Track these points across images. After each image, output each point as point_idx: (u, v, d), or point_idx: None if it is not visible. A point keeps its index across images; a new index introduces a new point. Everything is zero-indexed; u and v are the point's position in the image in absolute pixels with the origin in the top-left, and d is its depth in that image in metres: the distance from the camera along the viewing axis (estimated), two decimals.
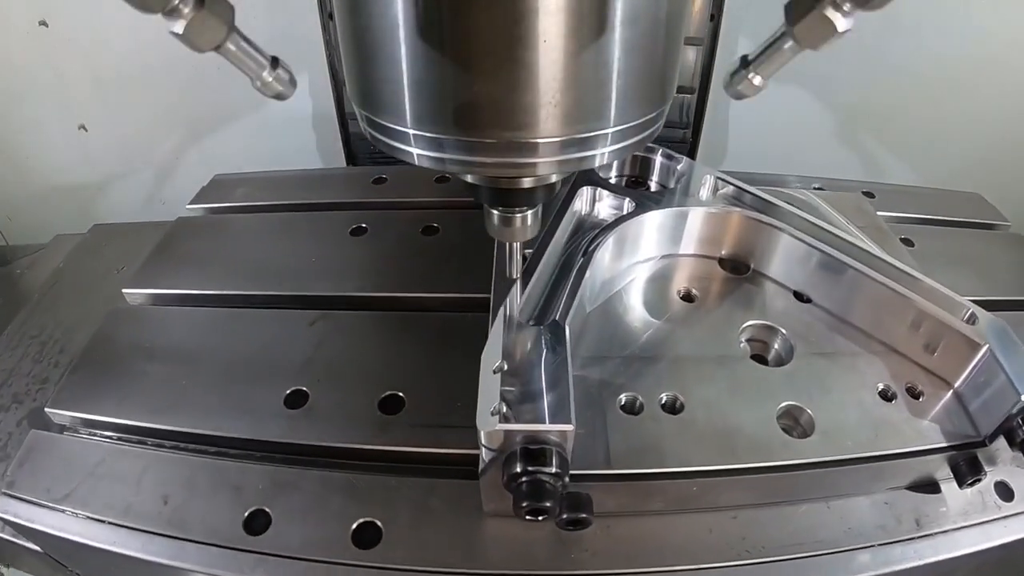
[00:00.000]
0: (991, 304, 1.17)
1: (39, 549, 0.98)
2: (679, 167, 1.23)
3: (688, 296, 1.12)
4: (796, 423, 0.95)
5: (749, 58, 0.75)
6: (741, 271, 1.18)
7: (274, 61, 0.72)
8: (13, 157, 1.83)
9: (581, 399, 0.92)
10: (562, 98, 0.63)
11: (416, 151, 0.69)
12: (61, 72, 1.71)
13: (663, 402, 0.95)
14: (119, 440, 1.01)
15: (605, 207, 1.17)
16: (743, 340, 1.06)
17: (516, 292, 0.97)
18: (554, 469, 0.77)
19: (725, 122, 1.85)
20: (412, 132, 0.68)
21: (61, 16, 1.63)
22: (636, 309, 1.09)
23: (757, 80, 0.75)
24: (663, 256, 1.19)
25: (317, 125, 1.80)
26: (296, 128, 1.81)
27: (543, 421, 0.78)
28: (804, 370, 1.01)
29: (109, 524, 0.90)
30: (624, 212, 1.13)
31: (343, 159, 1.78)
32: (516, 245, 0.92)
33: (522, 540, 0.88)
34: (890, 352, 1.05)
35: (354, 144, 1.77)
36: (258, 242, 1.31)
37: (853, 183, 1.55)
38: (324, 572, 0.85)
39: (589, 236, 1.08)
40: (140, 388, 1.04)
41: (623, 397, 0.95)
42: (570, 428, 0.78)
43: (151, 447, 0.99)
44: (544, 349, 0.87)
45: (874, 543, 0.91)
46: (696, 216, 1.15)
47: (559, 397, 0.81)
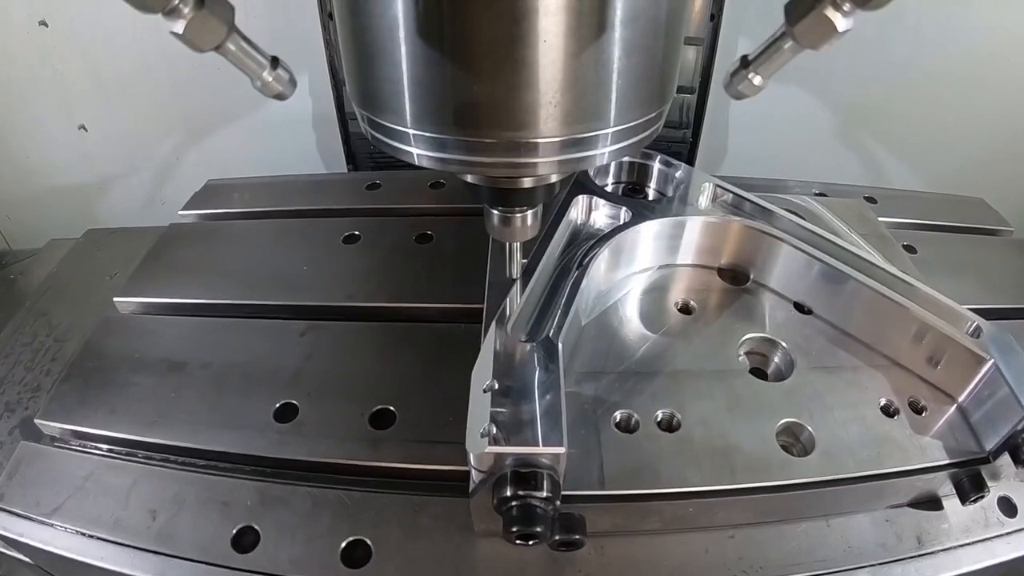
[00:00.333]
0: (994, 312, 1.15)
1: (30, 561, 0.95)
2: (677, 174, 1.18)
3: (686, 308, 1.08)
4: (796, 440, 0.92)
5: (749, 58, 0.73)
6: (740, 281, 1.13)
7: (274, 61, 0.70)
8: (13, 157, 1.80)
9: (575, 416, 0.89)
10: (562, 98, 0.62)
11: (416, 151, 0.69)
12: (61, 72, 1.67)
13: (659, 420, 0.91)
14: (108, 452, 0.98)
15: (601, 216, 1.12)
16: (742, 353, 1.02)
17: (516, 292, 0.95)
18: (545, 493, 0.74)
19: (725, 122, 1.81)
20: (412, 132, 0.67)
21: (61, 16, 1.59)
22: (633, 322, 1.05)
23: (757, 80, 0.73)
24: (661, 266, 1.15)
25: (317, 125, 1.77)
26: (296, 128, 1.78)
27: (534, 444, 0.75)
28: (804, 385, 0.97)
29: (98, 539, 0.88)
30: (621, 222, 1.09)
31: (343, 159, 1.75)
32: (516, 245, 0.92)
33: (514, 560, 0.85)
34: (892, 365, 1.01)
35: (354, 144, 1.74)
36: (250, 250, 1.28)
37: (855, 188, 1.52)
38: None
39: (584, 247, 1.04)
40: (130, 400, 1.01)
41: (618, 415, 0.91)
42: (562, 451, 0.75)
43: (140, 460, 0.96)
44: (536, 367, 0.83)
45: (875, 562, 0.87)
46: (695, 225, 1.11)
47: (551, 418, 0.77)
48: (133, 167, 1.85)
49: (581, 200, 1.11)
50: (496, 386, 0.80)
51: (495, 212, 0.84)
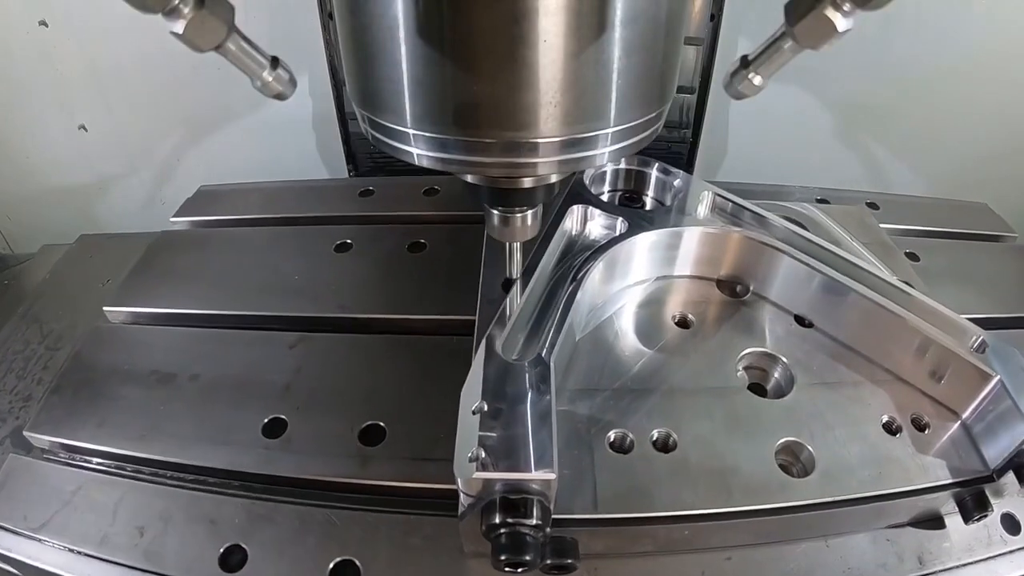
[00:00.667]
0: (998, 322, 1.12)
1: (19, 575, 0.91)
2: (676, 183, 1.14)
3: (684, 322, 1.03)
4: (796, 460, 0.87)
5: (749, 58, 0.72)
6: (740, 293, 1.09)
7: (274, 61, 0.70)
8: (13, 157, 1.76)
9: (568, 436, 0.85)
10: (562, 98, 0.62)
11: (416, 151, 0.69)
12: (61, 72, 1.63)
13: (655, 439, 0.87)
14: (97, 465, 0.95)
15: (597, 227, 1.07)
16: (741, 368, 0.97)
17: (516, 293, 0.93)
18: (535, 521, 0.70)
19: (725, 122, 1.76)
20: (412, 132, 0.67)
21: (61, 16, 1.55)
22: (628, 336, 1.00)
23: (757, 80, 0.72)
24: (658, 278, 1.10)
25: (317, 125, 1.73)
26: (296, 128, 1.74)
27: (524, 470, 0.71)
28: (805, 402, 0.93)
29: (85, 556, 0.85)
30: (617, 232, 1.04)
31: (343, 159, 1.70)
32: (516, 245, 0.91)
33: None
34: (895, 380, 0.97)
35: (354, 144, 1.69)
36: (241, 258, 1.24)
37: (856, 194, 1.48)
38: None
39: (579, 260, 0.99)
40: (118, 413, 0.98)
41: (612, 434, 0.87)
42: (552, 477, 0.71)
43: (128, 474, 0.93)
44: (527, 388, 0.79)
45: None
46: (693, 236, 1.06)
47: (542, 443, 0.73)
48: (133, 167, 1.81)
49: (576, 210, 1.06)
50: (485, 408, 0.77)
51: (495, 212, 0.82)
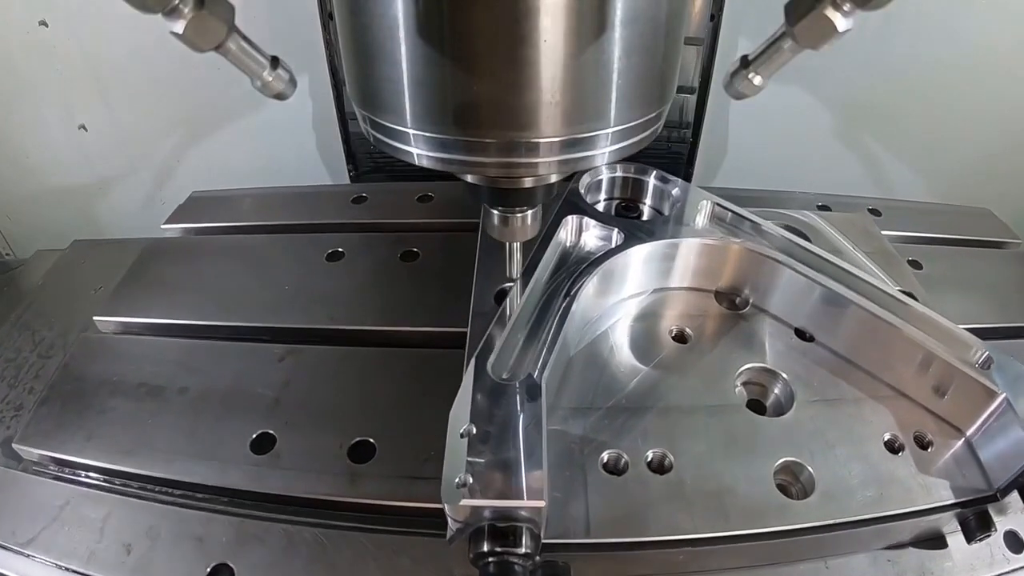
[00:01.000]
0: (1001, 331, 1.07)
1: None
2: (674, 191, 1.08)
3: (681, 336, 0.98)
4: (795, 480, 0.83)
5: (749, 58, 0.71)
6: (739, 306, 1.04)
7: (274, 61, 0.69)
8: (13, 157, 1.72)
9: (561, 456, 0.81)
10: (562, 98, 0.61)
11: (417, 151, 0.68)
12: (61, 72, 1.59)
13: (650, 460, 0.82)
14: (86, 478, 0.91)
15: (592, 237, 1.02)
16: (739, 384, 0.93)
17: (516, 293, 0.91)
18: (524, 550, 0.67)
19: (725, 122, 1.71)
20: (412, 132, 0.66)
21: (61, 16, 1.51)
22: (624, 352, 0.96)
23: (757, 80, 0.71)
24: (655, 290, 1.05)
25: (317, 125, 1.69)
26: (296, 128, 1.69)
27: (513, 497, 0.67)
28: (805, 420, 0.88)
29: (72, 572, 0.81)
30: (613, 244, 0.99)
31: (343, 159, 1.66)
32: (516, 245, 0.90)
33: None
34: (898, 396, 0.92)
35: (354, 144, 1.64)
36: (231, 267, 1.19)
37: (858, 199, 1.43)
38: None
39: (573, 273, 0.94)
40: (107, 426, 0.94)
41: (606, 455, 0.82)
42: (542, 505, 0.67)
43: (117, 488, 0.90)
44: (518, 411, 0.74)
45: None
46: (692, 248, 1.01)
47: (532, 468, 0.69)
48: (133, 167, 1.76)
49: (571, 221, 1.01)
50: (474, 430, 0.72)
51: (495, 212, 0.82)
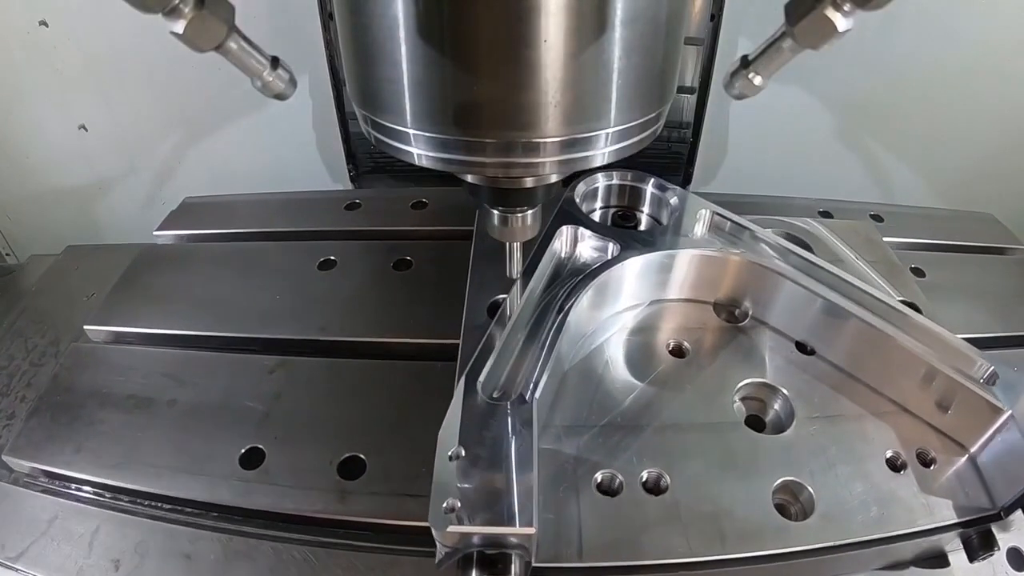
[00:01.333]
0: (1005, 340, 1.04)
1: None
2: (672, 200, 1.03)
3: (679, 350, 0.94)
4: (795, 500, 0.79)
5: (749, 58, 0.69)
6: (738, 318, 0.99)
7: (274, 61, 0.68)
8: (13, 157, 1.68)
9: (553, 477, 0.77)
10: (562, 98, 0.60)
11: (417, 151, 0.66)
12: (61, 72, 1.55)
13: (645, 480, 0.78)
14: (75, 491, 0.88)
15: (587, 248, 0.98)
16: (738, 400, 0.88)
17: (516, 293, 0.89)
18: None
19: (725, 122, 1.67)
20: (413, 132, 0.65)
21: (61, 16, 1.48)
22: (619, 367, 0.91)
23: (757, 80, 0.69)
24: (652, 302, 1.00)
25: (317, 125, 1.64)
26: (296, 128, 1.65)
27: (502, 523, 0.64)
28: (805, 438, 0.84)
29: None
30: (609, 255, 0.95)
31: (343, 159, 1.62)
32: (516, 245, 0.88)
33: None
34: (900, 411, 0.88)
35: (354, 144, 1.60)
36: (223, 276, 1.15)
37: (860, 205, 1.39)
38: None
39: (568, 286, 0.89)
40: (96, 438, 0.90)
41: (600, 475, 0.78)
42: (533, 532, 0.63)
43: (105, 502, 0.86)
44: (508, 434, 0.70)
45: None
46: (690, 260, 0.96)
47: (522, 493, 0.66)
48: (133, 167, 1.72)
49: (566, 231, 0.97)
50: (463, 453, 0.69)
51: (495, 212, 0.80)
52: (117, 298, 1.10)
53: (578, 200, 1.02)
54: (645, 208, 1.10)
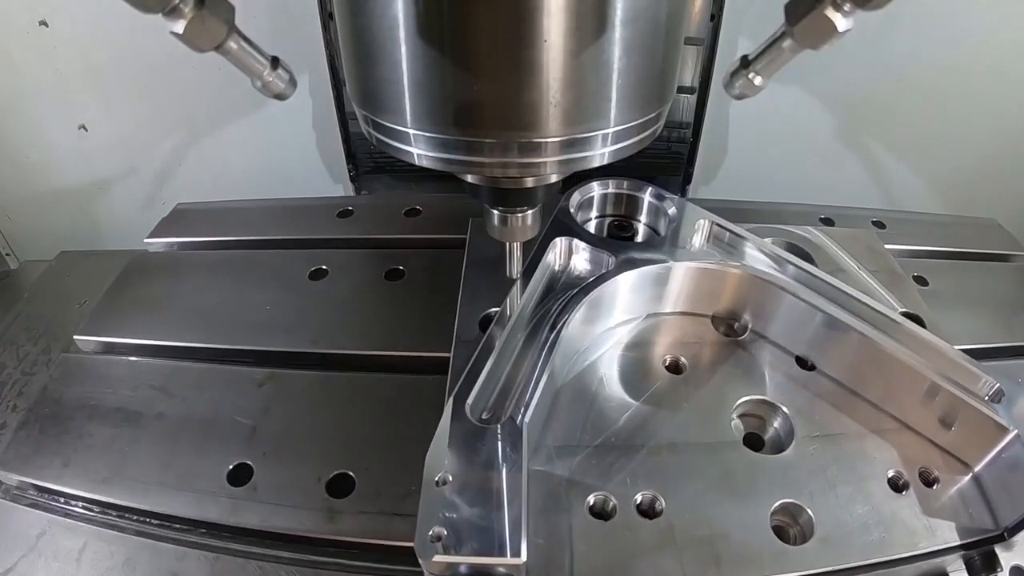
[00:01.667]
0: (1009, 351, 1.00)
1: None
2: (670, 210, 0.99)
3: (675, 366, 0.89)
4: (794, 522, 0.75)
5: (749, 58, 0.69)
6: (737, 332, 0.95)
7: (274, 61, 0.67)
8: (13, 157, 1.65)
9: (545, 499, 0.73)
10: (563, 98, 0.60)
11: (417, 151, 0.66)
12: (61, 72, 1.52)
13: (639, 503, 0.74)
14: (64, 505, 0.84)
15: (582, 261, 0.93)
16: (736, 417, 0.84)
17: (516, 293, 0.87)
18: None
19: (725, 122, 1.63)
20: (413, 132, 0.64)
21: (61, 16, 1.44)
22: (614, 384, 0.87)
23: (757, 80, 0.69)
24: (648, 315, 0.96)
25: (317, 125, 1.61)
26: (296, 128, 1.62)
27: (490, 553, 0.60)
28: (805, 457, 0.80)
29: None
30: (604, 269, 0.90)
31: (343, 159, 1.58)
32: (516, 245, 0.87)
33: None
34: (902, 429, 0.84)
35: (354, 144, 1.57)
36: (213, 285, 1.11)
37: (862, 211, 1.34)
38: None
39: (561, 301, 0.85)
40: (84, 452, 0.87)
41: (592, 498, 0.74)
42: (521, 562, 0.60)
43: (93, 517, 0.83)
44: (498, 459, 0.67)
45: None
46: (689, 272, 0.92)
47: (511, 521, 0.62)
48: (133, 167, 1.69)
49: (559, 243, 0.92)
50: (450, 479, 0.65)
51: (495, 212, 0.79)
52: (107, 307, 1.06)
53: (573, 209, 0.98)
54: (642, 217, 1.05)
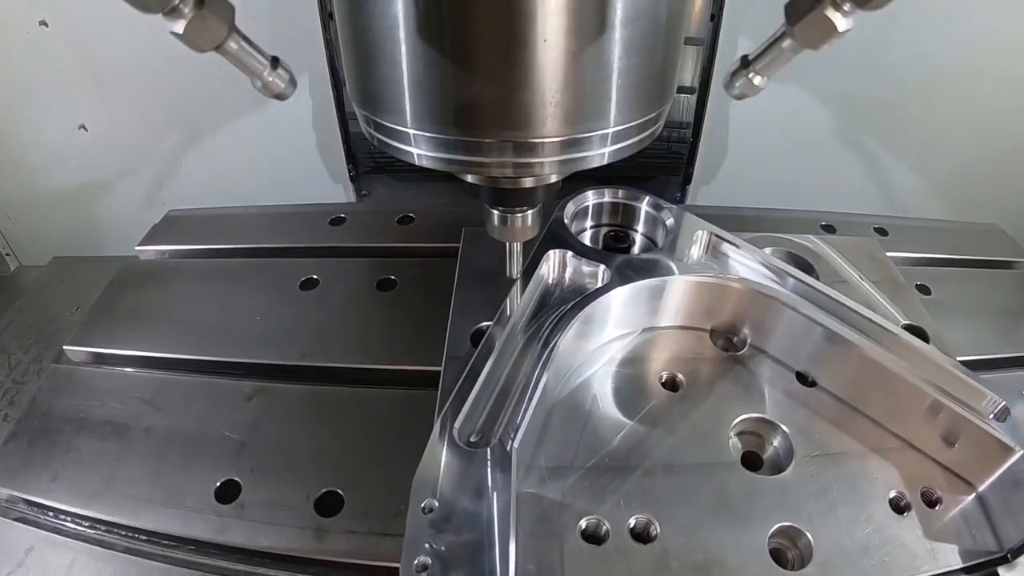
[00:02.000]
0: (1015, 361, 0.97)
1: None
2: (668, 220, 0.94)
3: (672, 383, 0.86)
4: (793, 545, 0.71)
5: (749, 58, 0.67)
6: (736, 346, 0.91)
7: (274, 61, 0.66)
8: (13, 157, 1.61)
9: (536, 523, 0.70)
10: (562, 98, 0.59)
11: (417, 151, 0.65)
12: (61, 72, 1.48)
13: (633, 527, 0.70)
14: (52, 520, 0.81)
15: (576, 274, 0.90)
16: (734, 435, 0.80)
17: (516, 293, 0.85)
18: None
19: (725, 122, 1.58)
20: (413, 132, 0.63)
21: (61, 16, 1.41)
22: (609, 403, 0.83)
23: (757, 80, 0.68)
24: (644, 329, 0.92)
25: (317, 125, 1.57)
26: (296, 128, 1.57)
27: None
28: (804, 478, 0.76)
29: None
30: (599, 283, 0.86)
31: (343, 159, 1.56)
32: (516, 245, 0.86)
33: None
34: (905, 447, 0.80)
35: (354, 144, 1.55)
36: (203, 295, 1.08)
37: (864, 217, 1.31)
38: None
39: (554, 316, 0.81)
40: (72, 466, 0.84)
41: (585, 522, 0.70)
42: None
43: (81, 532, 0.80)
44: (486, 486, 0.63)
45: None
46: (686, 285, 0.88)
47: (499, 550, 0.59)
48: (133, 167, 1.65)
49: (553, 255, 0.89)
50: (436, 505, 0.62)
51: (495, 212, 0.78)
52: (96, 318, 1.03)
53: (567, 220, 0.94)
54: (640, 228, 1.01)
